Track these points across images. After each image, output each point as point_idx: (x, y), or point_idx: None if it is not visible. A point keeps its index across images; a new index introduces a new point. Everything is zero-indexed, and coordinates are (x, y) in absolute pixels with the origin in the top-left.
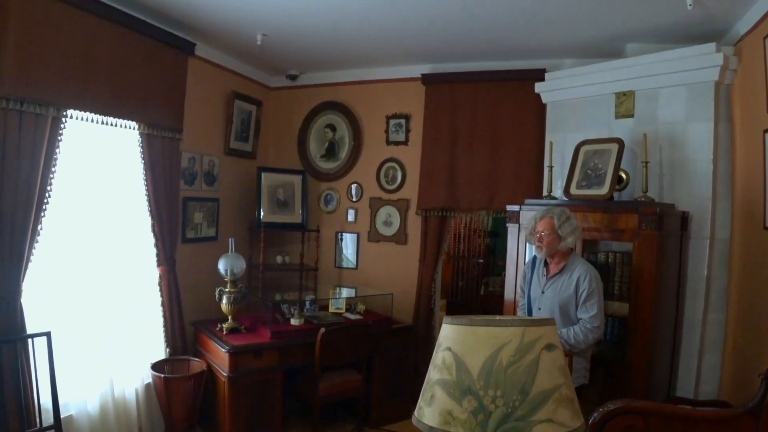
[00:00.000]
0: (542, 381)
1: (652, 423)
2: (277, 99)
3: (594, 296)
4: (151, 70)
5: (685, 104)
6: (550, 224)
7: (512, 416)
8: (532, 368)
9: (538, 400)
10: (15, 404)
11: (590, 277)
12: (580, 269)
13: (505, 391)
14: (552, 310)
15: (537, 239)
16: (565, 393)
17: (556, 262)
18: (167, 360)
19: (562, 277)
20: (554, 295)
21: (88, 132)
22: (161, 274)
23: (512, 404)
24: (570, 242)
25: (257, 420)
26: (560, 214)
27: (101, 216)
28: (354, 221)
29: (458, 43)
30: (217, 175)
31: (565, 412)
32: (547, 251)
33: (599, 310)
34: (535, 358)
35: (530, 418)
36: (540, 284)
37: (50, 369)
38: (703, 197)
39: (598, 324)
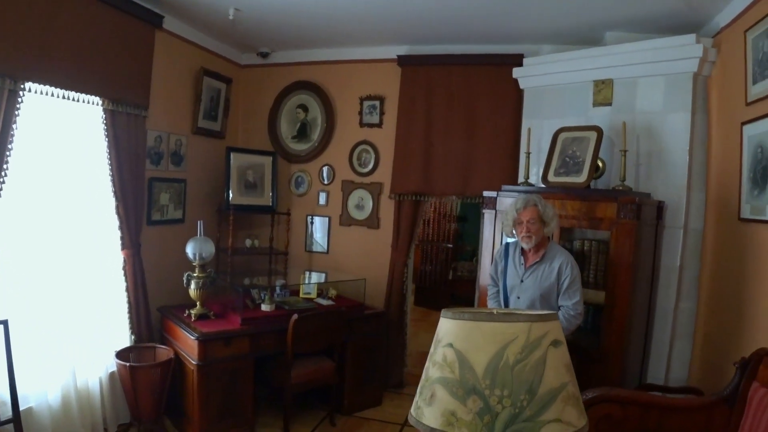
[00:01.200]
0: (550, 379)
1: (629, 411)
2: (248, 77)
3: (576, 283)
4: (116, 42)
5: (663, 94)
6: (536, 212)
7: (520, 417)
8: (539, 366)
9: (546, 399)
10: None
11: (571, 264)
12: (561, 257)
13: (513, 391)
14: (533, 299)
15: (525, 230)
16: (571, 391)
17: (536, 251)
18: (132, 347)
19: (543, 265)
20: (535, 284)
21: (48, 107)
22: (126, 257)
23: (520, 404)
24: (553, 227)
25: (227, 409)
26: (539, 200)
27: (62, 197)
28: (325, 204)
29: (436, 25)
30: (184, 154)
31: (572, 411)
32: (536, 240)
33: (581, 297)
34: (543, 355)
35: (538, 418)
36: (518, 273)
37: (7, 359)
38: (678, 187)
39: (580, 311)
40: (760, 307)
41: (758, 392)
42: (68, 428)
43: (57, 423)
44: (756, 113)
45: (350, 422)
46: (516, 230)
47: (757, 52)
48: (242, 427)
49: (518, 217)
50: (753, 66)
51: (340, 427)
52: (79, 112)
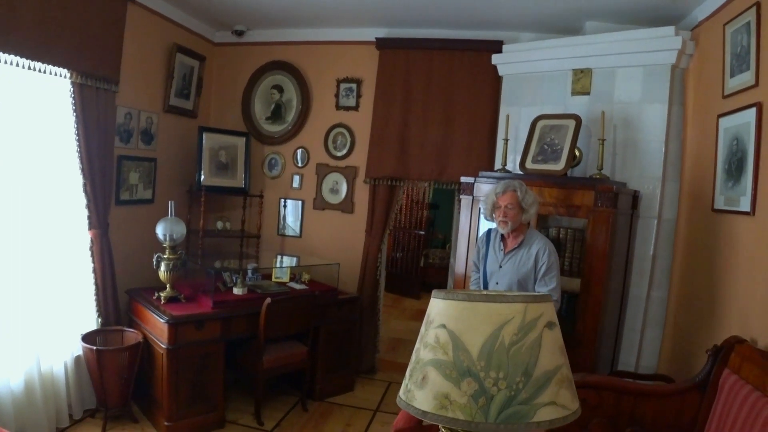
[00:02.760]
0: (545, 361)
1: (604, 396)
2: (222, 55)
3: (553, 270)
4: (87, 13)
5: (640, 85)
6: (515, 197)
7: (516, 399)
8: (535, 348)
9: (542, 381)
10: None
11: (549, 251)
12: (539, 243)
13: (508, 373)
14: (510, 285)
15: (502, 214)
16: (565, 374)
17: (514, 237)
18: (99, 331)
19: (521, 251)
20: (513, 270)
21: (12, 78)
22: (93, 238)
23: (516, 386)
24: (532, 214)
25: (198, 394)
26: (520, 186)
27: (27, 173)
28: (299, 188)
29: (415, 8)
30: (155, 133)
31: (566, 394)
32: (512, 225)
33: (557, 284)
34: (538, 336)
35: (534, 401)
36: (497, 259)
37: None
38: (653, 177)
39: (557, 297)
40: (731, 296)
41: (729, 379)
42: (32, 415)
43: (20, 410)
44: (732, 106)
45: (322, 407)
46: (494, 214)
47: (735, 46)
48: (212, 413)
49: (497, 201)
50: (731, 59)
51: (312, 412)
52: (45, 85)
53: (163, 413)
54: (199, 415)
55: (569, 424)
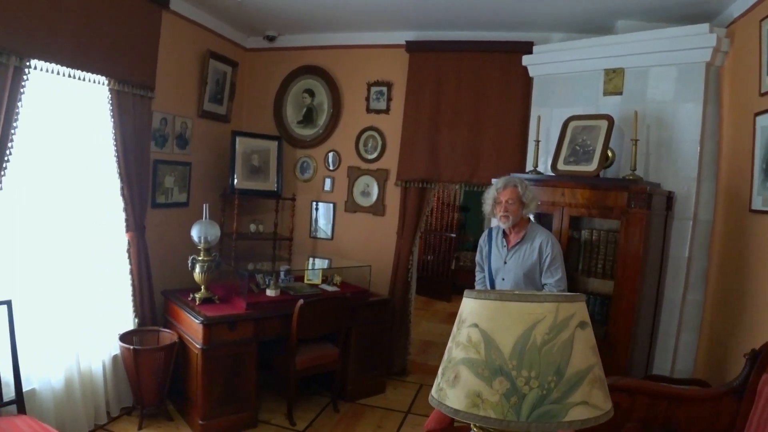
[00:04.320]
0: (577, 361)
1: (637, 400)
2: (254, 61)
3: (557, 261)
4: (123, 22)
5: (674, 84)
6: (515, 192)
7: (548, 399)
8: (567, 347)
9: (574, 381)
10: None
11: (551, 242)
12: (541, 236)
13: (540, 372)
14: (516, 279)
15: (503, 209)
16: (597, 374)
17: (516, 232)
18: (136, 331)
19: (524, 245)
20: (518, 264)
21: (54, 85)
22: (130, 240)
23: (547, 386)
24: (532, 208)
25: (231, 393)
26: (520, 182)
27: (67, 177)
28: (331, 190)
29: (445, 10)
30: (189, 137)
31: (599, 394)
32: (513, 219)
33: (563, 274)
34: (570, 336)
35: (566, 400)
36: (501, 255)
37: (11, 340)
38: (688, 178)
39: (563, 287)
40: None
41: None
42: (71, 411)
43: (60, 405)
44: None
45: (354, 409)
46: (495, 210)
47: None
48: (245, 412)
49: (498, 196)
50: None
51: (344, 413)
52: (84, 92)
53: (198, 412)
54: (232, 414)
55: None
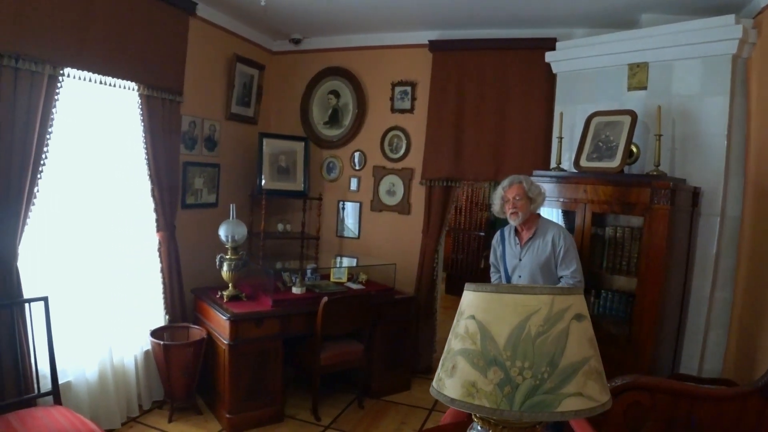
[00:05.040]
0: (572, 352)
1: (659, 399)
2: (280, 63)
3: (570, 252)
4: (152, 29)
5: (700, 77)
6: (522, 189)
7: (540, 389)
8: (561, 339)
9: (568, 372)
10: (12, 370)
11: (563, 235)
12: (553, 229)
13: (534, 362)
14: (533, 275)
15: (511, 206)
16: (594, 366)
17: (528, 228)
18: (167, 327)
19: (537, 240)
20: (533, 259)
21: (86, 92)
22: (161, 239)
23: (541, 376)
24: (540, 202)
25: (257, 388)
26: (525, 178)
27: (100, 179)
28: (357, 190)
29: (467, 9)
30: (217, 140)
31: (594, 386)
32: (522, 216)
33: (578, 265)
34: (565, 328)
35: (559, 390)
36: (515, 253)
37: (48, 335)
38: (715, 173)
39: (579, 278)
40: None
41: None
42: (105, 403)
43: (94, 397)
44: None
45: (378, 405)
46: (504, 209)
47: None
48: (271, 407)
49: (505, 194)
50: None
51: (368, 410)
52: (115, 97)
53: (225, 406)
54: (258, 408)
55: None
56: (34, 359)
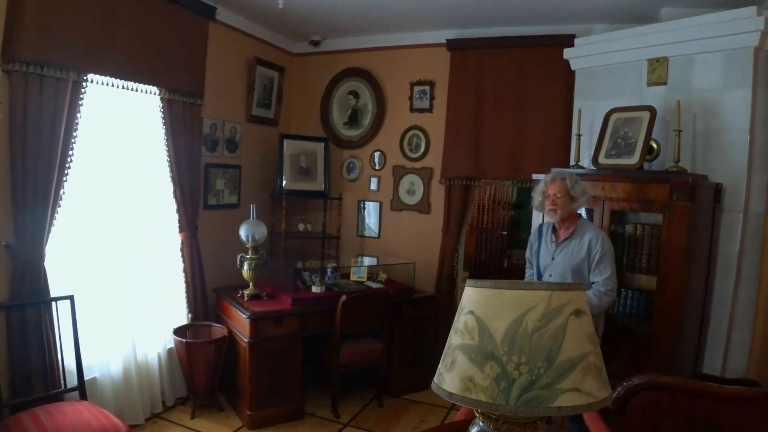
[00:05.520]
0: (569, 348)
1: (678, 399)
2: (300, 65)
3: (606, 258)
4: (172, 34)
5: (721, 71)
6: (564, 186)
7: (537, 384)
8: (558, 334)
9: (565, 367)
10: (40, 366)
11: (601, 239)
12: (591, 232)
13: (530, 358)
14: (564, 276)
15: (551, 202)
16: (593, 362)
17: (566, 227)
18: (189, 325)
19: (573, 241)
20: (565, 261)
21: (109, 97)
22: (183, 240)
23: (537, 371)
24: (582, 203)
25: (277, 385)
26: (570, 176)
27: (123, 181)
28: (377, 190)
29: (485, 7)
30: (239, 141)
31: (592, 382)
32: (561, 214)
33: (612, 273)
34: (563, 323)
35: (555, 386)
36: (549, 251)
37: (74, 332)
38: (738, 169)
39: (612, 287)
40: None
41: None
42: (129, 399)
43: (119, 393)
44: None
45: (398, 404)
46: (544, 204)
47: None
48: (291, 404)
49: (546, 190)
50: None
51: (387, 408)
52: (138, 101)
53: (246, 403)
54: (278, 405)
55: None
56: (60, 356)
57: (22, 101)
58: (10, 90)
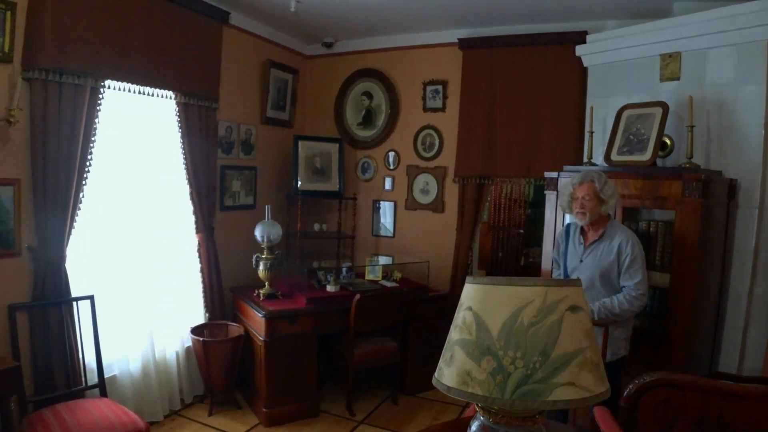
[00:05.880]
0: (565, 343)
1: (689, 397)
2: (314, 67)
3: (637, 262)
4: (187, 40)
5: (734, 65)
6: (592, 188)
7: (532, 378)
8: (554, 330)
9: (560, 362)
10: (62, 364)
11: (632, 243)
12: (621, 235)
13: (526, 352)
14: (592, 279)
15: (579, 205)
16: (589, 357)
17: (595, 229)
18: (206, 324)
19: (602, 244)
20: (594, 264)
21: (126, 102)
22: (200, 241)
23: (532, 366)
24: (612, 205)
25: (293, 383)
26: (599, 176)
27: (141, 184)
28: (391, 189)
29: (496, 6)
30: (254, 143)
31: (588, 377)
32: (590, 217)
33: (643, 277)
34: (558, 319)
35: (551, 380)
36: (577, 253)
37: (94, 331)
38: (752, 164)
39: (642, 291)
40: None
41: None
42: (148, 396)
43: (138, 391)
44: None
45: (413, 402)
46: (572, 206)
47: None
48: (307, 401)
49: (574, 192)
50: None
51: (403, 406)
52: (154, 106)
53: (262, 400)
54: (294, 403)
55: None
56: (81, 354)
57: (42, 108)
58: (30, 97)
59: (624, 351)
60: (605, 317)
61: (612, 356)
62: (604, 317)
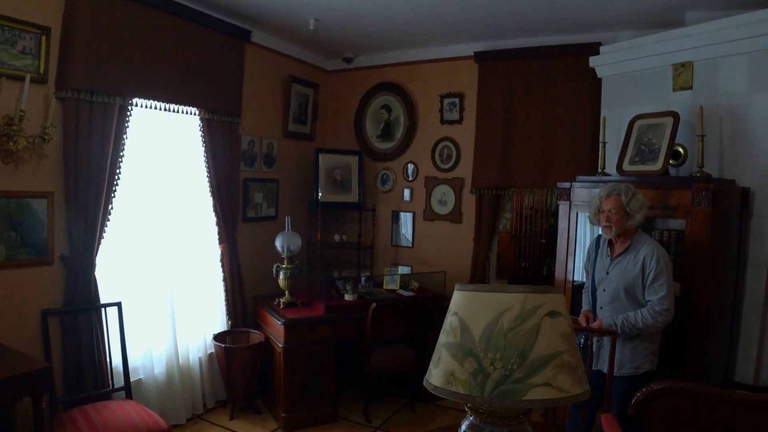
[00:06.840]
0: (542, 346)
1: (699, 406)
2: (334, 82)
3: (662, 276)
4: (210, 58)
5: (747, 74)
6: (618, 202)
7: (510, 378)
8: (532, 334)
9: (537, 364)
10: (90, 367)
11: (657, 256)
12: (647, 248)
13: (504, 354)
14: (617, 292)
15: (605, 219)
16: (566, 360)
17: (622, 242)
18: (228, 332)
19: (627, 256)
20: (619, 276)
21: (153, 118)
22: (223, 251)
23: (510, 367)
24: (639, 219)
25: (311, 390)
26: (626, 190)
27: (167, 196)
28: (410, 200)
29: (511, 19)
30: (276, 156)
31: (565, 378)
32: (616, 231)
33: (668, 292)
34: (536, 324)
35: (527, 381)
36: (604, 265)
37: (121, 336)
38: (765, 172)
39: (667, 306)
40: None
41: None
42: (172, 400)
43: (162, 394)
44: None
45: (429, 409)
46: (599, 218)
47: None
48: (325, 408)
49: (600, 205)
50: None
51: (420, 414)
52: (179, 122)
53: (281, 406)
54: (312, 409)
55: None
56: (109, 358)
57: (74, 125)
58: (63, 115)
59: (649, 365)
60: (628, 331)
61: (634, 370)
62: (627, 331)
